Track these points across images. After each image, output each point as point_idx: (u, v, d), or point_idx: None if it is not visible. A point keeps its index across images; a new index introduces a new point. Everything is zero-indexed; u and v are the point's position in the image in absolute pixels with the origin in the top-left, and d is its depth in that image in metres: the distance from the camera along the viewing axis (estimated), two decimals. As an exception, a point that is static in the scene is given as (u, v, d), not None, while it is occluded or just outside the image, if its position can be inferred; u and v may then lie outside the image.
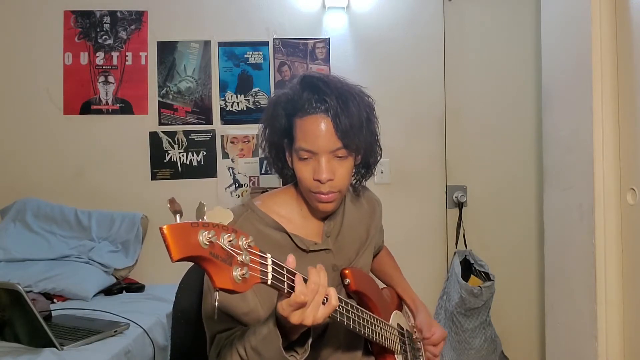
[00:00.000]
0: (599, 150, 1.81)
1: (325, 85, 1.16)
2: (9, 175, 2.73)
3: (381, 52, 2.79)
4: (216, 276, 0.73)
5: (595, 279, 1.81)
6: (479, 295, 2.48)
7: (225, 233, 0.74)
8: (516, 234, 2.80)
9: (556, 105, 2.13)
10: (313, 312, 0.91)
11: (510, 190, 2.80)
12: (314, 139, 1.14)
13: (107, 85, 2.75)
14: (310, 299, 0.90)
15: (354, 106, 1.16)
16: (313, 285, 0.91)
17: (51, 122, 2.74)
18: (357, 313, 1.11)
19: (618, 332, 1.80)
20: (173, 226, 0.68)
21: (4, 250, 2.42)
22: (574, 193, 1.97)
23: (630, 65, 1.72)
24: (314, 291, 0.91)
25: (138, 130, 2.75)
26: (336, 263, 1.27)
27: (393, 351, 1.31)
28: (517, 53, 2.79)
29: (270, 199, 1.28)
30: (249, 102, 2.79)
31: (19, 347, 1.67)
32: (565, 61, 2.03)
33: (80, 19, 2.75)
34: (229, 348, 1.08)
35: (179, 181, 2.76)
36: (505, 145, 2.81)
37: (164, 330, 2.08)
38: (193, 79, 2.77)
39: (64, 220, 2.58)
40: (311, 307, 0.91)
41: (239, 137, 2.77)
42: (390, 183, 2.77)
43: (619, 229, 1.79)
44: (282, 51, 2.78)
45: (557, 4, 2.10)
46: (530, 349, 2.76)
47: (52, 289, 2.26)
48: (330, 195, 1.17)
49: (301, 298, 0.88)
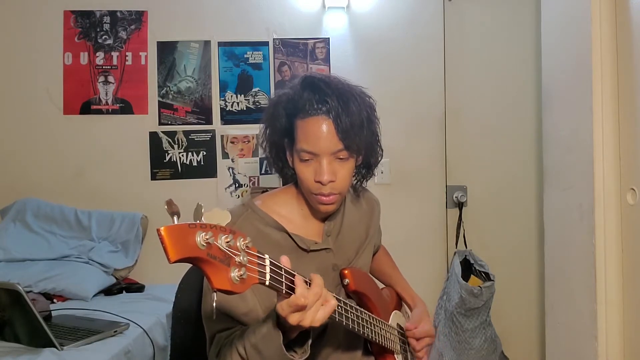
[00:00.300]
0: (599, 150, 1.81)
1: (326, 86, 1.15)
2: (9, 175, 2.73)
3: (381, 52, 2.79)
4: (214, 277, 0.73)
5: (595, 279, 1.81)
6: (479, 295, 2.48)
7: (223, 234, 0.74)
8: (516, 234, 2.79)
9: (556, 105, 2.13)
10: (312, 314, 0.91)
11: (510, 190, 2.80)
12: (315, 140, 1.14)
13: (107, 85, 2.75)
14: (311, 303, 0.90)
15: (355, 107, 1.16)
16: (317, 288, 0.91)
17: (51, 122, 2.74)
18: (357, 313, 1.11)
19: (618, 332, 1.80)
20: (170, 227, 0.68)
21: (4, 250, 2.42)
22: (574, 193, 1.96)
23: (630, 65, 1.72)
24: (317, 295, 0.91)
25: (138, 130, 2.75)
26: (336, 262, 1.27)
27: (393, 351, 1.31)
28: (517, 53, 2.79)
29: (270, 199, 1.29)
30: (249, 102, 2.79)
31: (19, 347, 1.67)
32: (565, 61, 2.03)
33: (80, 19, 2.76)
34: (228, 347, 1.08)
35: (179, 181, 2.76)
36: (505, 145, 2.80)
37: (163, 330, 2.08)
38: (193, 79, 2.77)
39: (64, 220, 2.59)
40: (311, 310, 0.91)
41: (239, 137, 2.77)
42: (390, 183, 2.77)
43: (619, 229, 1.79)
44: (282, 51, 2.78)
45: (557, 4, 2.10)
46: (530, 349, 2.76)
47: (52, 289, 2.27)
48: (331, 196, 1.18)
49: (302, 301, 0.88)
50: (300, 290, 0.89)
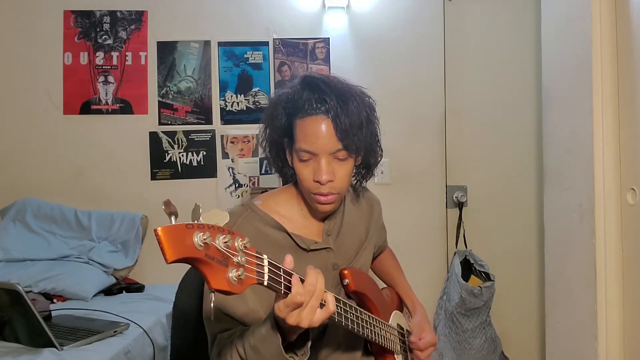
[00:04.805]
0: (599, 150, 1.80)
1: (325, 85, 1.15)
2: (9, 175, 2.73)
3: (381, 52, 2.79)
4: (212, 277, 0.73)
5: (595, 279, 1.80)
6: (479, 295, 2.48)
7: (221, 234, 0.74)
8: (516, 234, 2.79)
9: (556, 105, 2.13)
10: (309, 315, 0.91)
11: (510, 190, 2.80)
12: (314, 140, 1.14)
13: (107, 85, 2.75)
14: (306, 300, 0.90)
15: (354, 107, 1.15)
16: (310, 286, 0.91)
17: (51, 122, 2.74)
18: (356, 314, 1.11)
19: (618, 332, 1.79)
20: (167, 228, 0.68)
21: (4, 250, 2.42)
22: (574, 193, 1.96)
23: (630, 65, 1.72)
24: (310, 292, 0.91)
25: (138, 130, 2.75)
26: (336, 262, 1.27)
27: (392, 351, 1.31)
28: (517, 53, 2.79)
29: (270, 199, 1.29)
30: (249, 102, 2.78)
31: (19, 347, 1.68)
32: (565, 61, 2.03)
33: (80, 19, 2.76)
34: (229, 347, 1.08)
35: (178, 181, 2.76)
36: (505, 145, 2.80)
37: (163, 330, 2.08)
38: (193, 79, 2.77)
39: (63, 220, 2.58)
40: (307, 309, 0.91)
41: (239, 137, 2.77)
42: (390, 183, 2.77)
43: (619, 229, 1.79)
44: (282, 51, 2.78)
45: (557, 4, 2.10)
46: (530, 349, 2.76)
47: (52, 289, 2.27)
48: (330, 196, 1.18)
49: (297, 298, 0.88)
50: (296, 288, 0.89)
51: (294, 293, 0.88)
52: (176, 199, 0.75)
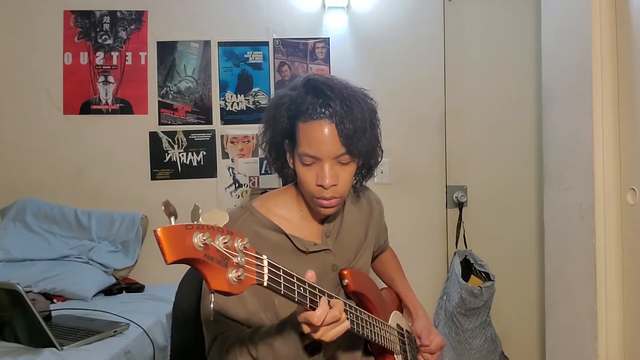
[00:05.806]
0: (599, 150, 1.80)
1: (329, 89, 1.15)
2: (9, 175, 2.74)
3: (381, 52, 2.79)
4: (211, 278, 0.73)
5: (595, 279, 1.80)
6: (479, 295, 2.48)
7: (220, 235, 0.74)
8: (516, 234, 2.79)
9: (556, 105, 2.12)
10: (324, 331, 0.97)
11: (510, 190, 2.80)
12: (318, 144, 1.13)
13: (107, 85, 2.75)
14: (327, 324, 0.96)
15: (358, 112, 1.15)
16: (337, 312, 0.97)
17: (51, 122, 2.74)
18: (356, 314, 1.11)
19: (618, 332, 1.79)
20: (167, 228, 0.68)
21: (4, 250, 2.42)
22: (574, 193, 1.96)
23: (630, 65, 1.72)
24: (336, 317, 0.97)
25: (138, 130, 2.75)
26: (336, 263, 1.27)
27: (392, 351, 1.31)
28: (517, 53, 2.78)
29: (269, 200, 1.29)
30: (249, 102, 2.78)
31: (19, 347, 1.68)
32: (565, 61, 2.03)
33: (80, 19, 2.76)
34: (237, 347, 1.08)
35: (178, 181, 2.76)
36: (505, 145, 2.80)
37: (163, 330, 2.08)
38: (193, 79, 2.77)
39: (63, 220, 2.58)
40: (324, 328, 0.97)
41: (238, 137, 2.77)
42: (390, 183, 2.76)
43: (619, 229, 1.79)
44: (282, 51, 2.78)
45: (557, 4, 2.10)
46: (530, 349, 2.76)
47: (52, 289, 2.27)
48: (333, 200, 1.18)
49: (315, 321, 0.93)
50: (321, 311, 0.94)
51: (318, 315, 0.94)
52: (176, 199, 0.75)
